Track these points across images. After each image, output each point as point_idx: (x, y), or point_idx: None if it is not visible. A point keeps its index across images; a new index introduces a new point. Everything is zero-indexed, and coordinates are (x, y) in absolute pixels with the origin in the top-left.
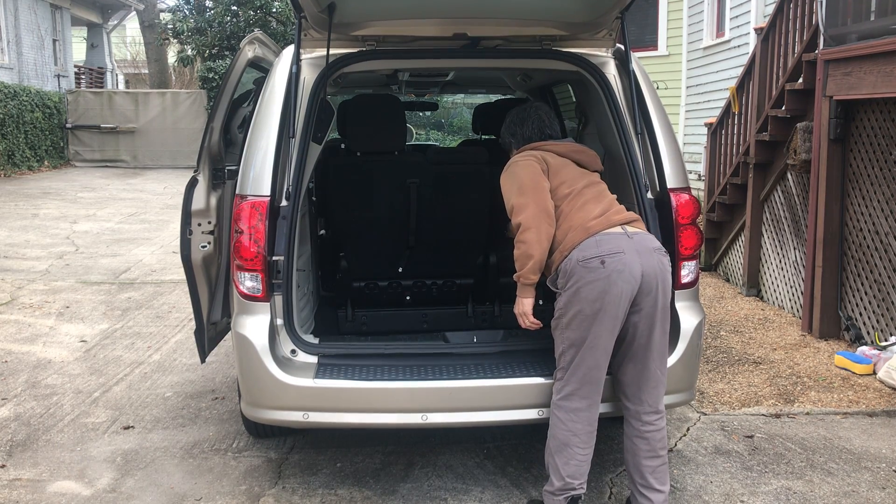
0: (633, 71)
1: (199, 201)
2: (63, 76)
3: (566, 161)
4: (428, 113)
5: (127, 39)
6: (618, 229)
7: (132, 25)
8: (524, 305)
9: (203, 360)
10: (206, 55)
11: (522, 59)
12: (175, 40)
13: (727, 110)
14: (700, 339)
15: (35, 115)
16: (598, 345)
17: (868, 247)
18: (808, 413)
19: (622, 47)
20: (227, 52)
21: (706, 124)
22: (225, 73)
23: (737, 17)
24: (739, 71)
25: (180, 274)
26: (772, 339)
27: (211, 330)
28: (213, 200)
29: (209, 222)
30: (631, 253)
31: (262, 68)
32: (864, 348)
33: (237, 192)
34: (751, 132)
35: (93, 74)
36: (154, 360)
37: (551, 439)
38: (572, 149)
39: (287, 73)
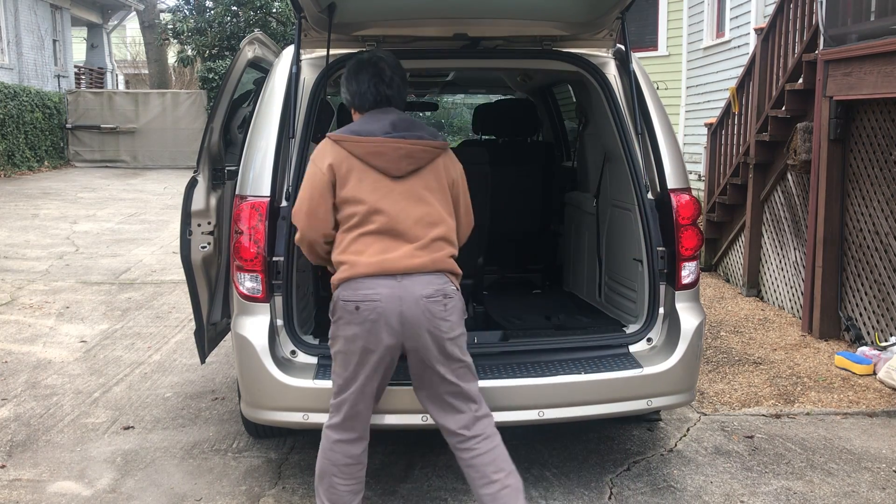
0: (634, 71)
1: (198, 202)
2: (63, 76)
3: (362, 167)
4: (428, 113)
5: (127, 39)
6: (390, 270)
7: (132, 25)
8: None
9: (203, 361)
10: (206, 55)
11: (522, 60)
12: (175, 40)
13: (727, 110)
14: (700, 340)
15: (35, 116)
16: (356, 384)
17: (868, 247)
18: (808, 413)
19: (622, 47)
20: (227, 53)
21: (706, 124)
22: (225, 74)
23: (737, 17)
24: (739, 71)
25: (180, 274)
26: (772, 340)
27: (211, 330)
28: (213, 201)
29: (209, 223)
30: (390, 301)
31: (262, 68)
32: (864, 348)
33: (237, 192)
34: (751, 132)
35: (93, 75)
36: (154, 360)
37: (317, 463)
38: (372, 150)
39: (287, 74)
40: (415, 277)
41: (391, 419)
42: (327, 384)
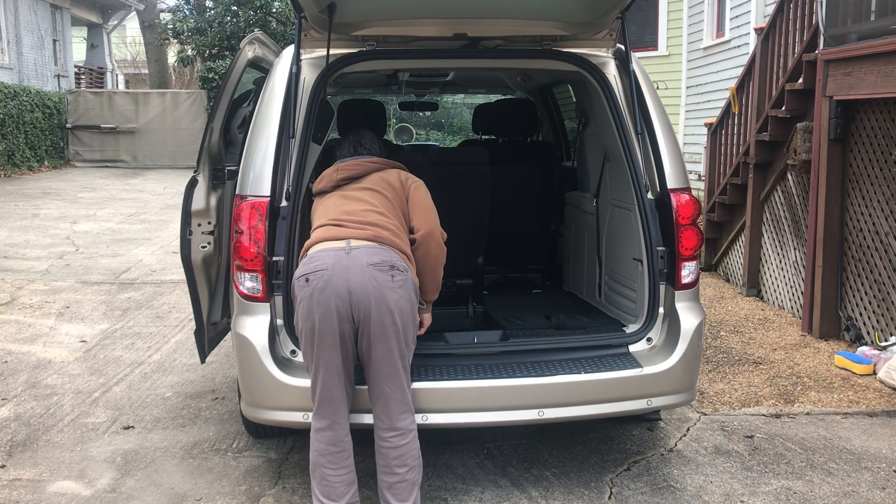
0: (634, 71)
1: (199, 201)
2: (63, 76)
3: (317, 201)
4: (428, 113)
5: (127, 39)
6: (339, 244)
7: (132, 25)
8: None
9: (203, 361)
10: (206, 55)
11: (522, 60)
12: (175, 40)
13: (727, 110)
14: (700, 340)
15: (35, 116)
16: (321, 364)
17: (868, 247)
18: (808, 413)
19: (622, 47)
20: (227, 52)
21: (706, 124)
22: (225, 74)
23: (737, 17)
24: (739, 71)
25: (180, 274)
26: (772, 340)
27: (211, 330)
28: (213, 201)
29: (209, 222)
30: (337, 269)
31: (262, 68)
32: (864, 348)
33: (237, 192)
34: (751, 132)
35: (93, 74)
36: (154, 360)
37: (309, 457)
38: (321, 185)
39: (287, 73)
40: (363, 248)
41: None
42: None
